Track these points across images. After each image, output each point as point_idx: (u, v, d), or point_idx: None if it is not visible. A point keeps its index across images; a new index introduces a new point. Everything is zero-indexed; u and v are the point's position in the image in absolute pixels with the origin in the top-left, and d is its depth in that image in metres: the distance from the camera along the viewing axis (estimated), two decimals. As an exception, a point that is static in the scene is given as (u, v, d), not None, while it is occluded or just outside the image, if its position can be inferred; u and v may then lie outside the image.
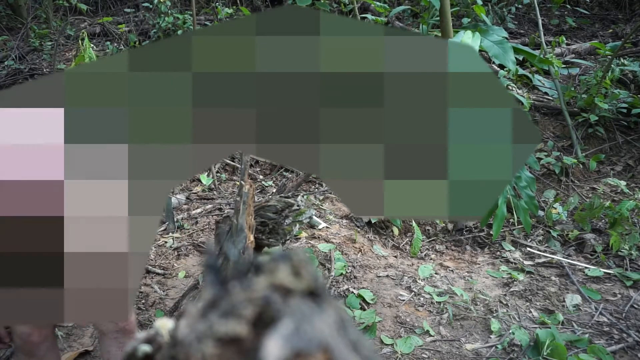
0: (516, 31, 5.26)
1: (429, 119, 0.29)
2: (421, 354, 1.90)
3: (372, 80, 0.28)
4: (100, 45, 4.97)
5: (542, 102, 3.85)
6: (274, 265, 0.18)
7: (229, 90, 0.28)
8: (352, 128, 0.29)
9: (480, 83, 0.28)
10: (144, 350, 0.25)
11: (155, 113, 0.28)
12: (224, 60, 0.28)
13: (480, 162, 0.29)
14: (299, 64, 0.28)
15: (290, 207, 2.42)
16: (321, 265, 2.33)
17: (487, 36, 2.71)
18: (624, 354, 1.89)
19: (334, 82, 0.28)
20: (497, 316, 2.09)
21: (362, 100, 0.29)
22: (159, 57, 0.28)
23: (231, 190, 3.20)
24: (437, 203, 0.29)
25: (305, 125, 0.28)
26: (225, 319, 0.16)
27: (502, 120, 0.29)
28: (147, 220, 0.29)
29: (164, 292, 2.24)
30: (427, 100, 0.29)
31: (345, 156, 0.29)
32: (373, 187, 0.29)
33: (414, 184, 0.29)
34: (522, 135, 0.29)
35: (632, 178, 3.26)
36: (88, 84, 0.28)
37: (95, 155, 0.29)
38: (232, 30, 0.28)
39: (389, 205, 0.30)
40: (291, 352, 0.14)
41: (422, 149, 0.29)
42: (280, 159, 0.29)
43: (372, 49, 0.28)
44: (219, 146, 0.29)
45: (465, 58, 0.28)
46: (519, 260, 2.50)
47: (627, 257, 2.47)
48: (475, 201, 0.29)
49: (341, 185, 0.29)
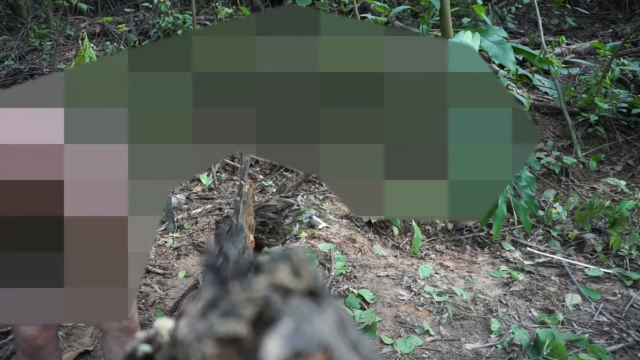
0: (516, 31, 5.26)
1: (429, 119, 0.29)
2: (421, 354, 1.90)
3: (372, 80, 0.28)
4: (100, 45, 4.97)
5: (542, 101, 3.85)
6: (273, 265, 0.18)
7: (229, 90, 0.28)
8: (352, 128, 0.29)
9: (480, 83, 0.28)
10: (144, 350, 0.25)
11: (155, 113, 0.28)
12: (224, 60, 0.28)
13: (480, 162, 0.29)
14: (299, 64, 0.28)
15: (290, 206, 2.42)
16: (321, 265, 2.33)
17: (487, 36, 2.71)
18: (623, 353, 1.89)
19: (334, 82, 0.28)
20: (497, 316, 2.09)
21: (362, 100, 0.29)
22: (159, 57, 0.28)
23: (231, 190, 3.20)
24: (437, 203, 0.30)
25: (305, 125, 0.28)
26: (225, 319, 0.16)
27: (502, 120, 0.29)
28: (147, 220, 0.29)
29: (164, 292, 2.24)
30: (427, 101, 0.29)
31: (345, 156, 0.29)
32: (373, 187, 0.29)
33: (414, 184, 0.29)
34: (522, 135, 0.29)
35: (632, 178, 3.27)
36: (88, 84, 0.28)
37: (95, 155, 0.29)
38: (232, 30, 0.28)
39: (389, 205, 0.30)
40: (291, 352, 0.14)
41: (422, 149, 0.29)
42: (280, 159, 0.29)
43: (372, 49, 0.28)
44: (219, 146, 0.29)
45: (465, 58, 0.28)
46: (519, 260, 2.50)
47: (627, 256, 2.47)
48: (475, 201, 0.29)
49: (341, 185, 0.29)
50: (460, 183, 0.29)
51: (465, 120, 0.29)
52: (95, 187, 0.29)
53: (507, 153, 0.29)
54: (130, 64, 0.28)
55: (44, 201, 0.29)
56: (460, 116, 0.29)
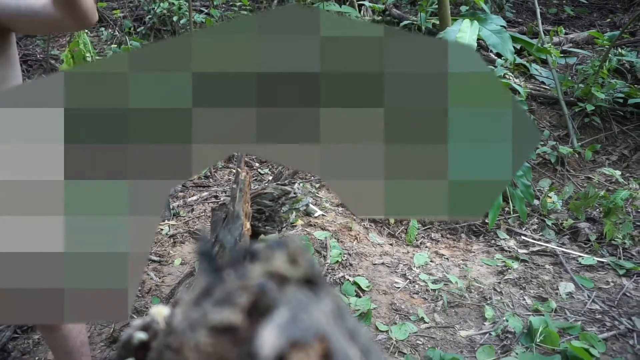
0: (514, 20, 5.23)
1: (429, 119, 0.29)
2: (416, 341, 1.92)
3: (372, 81, 0.28)
4: (94, 31, 4.91)
5: (539, 91, 3.84)
6: (269, 252, 0.18)
7: (229, 90, 0.28)
8: (352, 128, 0.29)
9: (480, 83, 0.29)
10: (140, 338, 0.25)
11: (155, 113, 0.29)
12: (224, 60, 0.28)
13: (480, 162, 0.29)
14: (299, 64, 0.28)
15: (286, 194, 2.42)
16: (317, 253, 2.34)
17: (486, 25, 2.70)
18: (615, 340, 1.91)
19: (334, 82, 0.28)
20: (491, 304, 2.10)
21: (362, 100, 0.29)
22: (159, 57, 0.28)
23: (227, 178, 3.19)
24: (437, 203, 0.30)
25: (305, 125, 0.29)
26: (219, 308, 0.16)
27: (502, 120, 0.29)
28: (147, 220, 0.29)
29: (160, 279, 2.25)
30: (427, 101, 0.29)
31: (346, 156, 0.29)
32: (373, 187, 0.30)
33: (414, 184, 0.30)
34: (522, 135, 0.29)
35: (627, 168, 3.28)
36: (88, 84, 0.28)
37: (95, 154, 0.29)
38: (232, 30, 0.28)
39: (389, 205, 0.30)
40: (287, 342, 0.14)
41: (422, 149, 0.29)
42: (280, 159, 0.30)
43: (372, 49, 0.28)
44: (219, 146, 0.29)
45: (465, 58, 0.28)
46: (513, 248, 2.52)
47: (620, 245, 2.49)
48: (475, 201, 0.30)
49: (341, 185, 0.29)
50: (460, 183, 0.29)
51: (465, 120, 0.29)
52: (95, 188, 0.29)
53: (507, 153, 0.29)
54: (130, 64, 0.28)
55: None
56: (460, 116, 0.29)
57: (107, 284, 0.28)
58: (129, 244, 0.28)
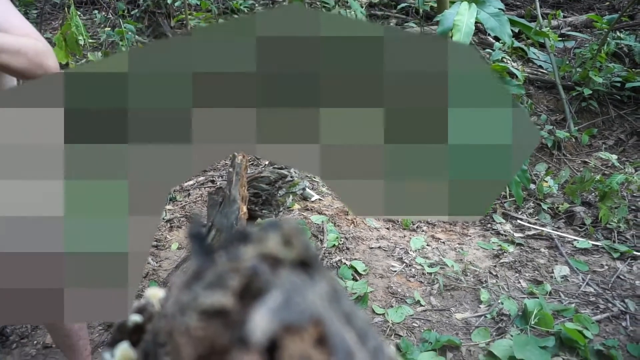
0: (512, 3, 5.18)
1: (428, 118, 0.29)
2: (412, 323, 1.94)
3: (372, 80, 0.28)
4: (87, 14, 4.84)
5: (536, 75, 3.82)
6: (263, 234, 0.17)
7: (229, 90, 0.28)
8: (352, 129, 0.29)
9: (480, 83, 0.28)
10: (134, 320, 0.25)
11: (154, 113, 0.28)
12: (223, 60, 0.28)
13: (480, 162, 0.29)
14: (298, 64, 0.28)
15: (283, 178, 2.42)
16: (314, 237, 2.35)
17: (484, 8, 2.67)
18: (608, 322, 1.94)
19: (334, 82, 0.28)
20: (486, 287, 2.12)
21: (362, 100, 0.29)
22: (159, 57, 0.28)
23: (223, 162, 3.18)
24: (437, 203, 0.30)
25: (305, 126, 0.29)
26: (210, 291, 0.15)
27: (502, 120, 0.29)
28: (147, 220, 0.29)
29: (157, 264, 2.25)
30: (427, 100, 0.29)
31: (346, 156, 0.29)
32: (373, 187, 0.30)
33: (414, 184, 0.30)
34: (522, 134, 0.29)
35: (624, 152, 3.28)
36: (87, 84, 0.28)
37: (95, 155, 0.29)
38: (232, 29, 0.28)
39: (389, 205, 0.30)
40: (280, 326, 0.13)
41: (422, 150, 0.29)
42: (280, 159, 0.30)
43: (372, 49, 0.28)
44: (219, 146, 0.29)
45: (465, 58, 0.28)
46: (509, 232, 2.53)
47: (615, 229, 2.51)
48: (475, 201, 0.30)
49: (341, 185, 0.29)
50: (460, 183, 0.30)
51: (465, 120, 0.29)
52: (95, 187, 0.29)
53: (507, 152, 0.29)
54: (130, 64, 0.28)
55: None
56: (460, 116, 0.29)
57: (107, 284, 0.28)
58: (129, 244, 0.28)
